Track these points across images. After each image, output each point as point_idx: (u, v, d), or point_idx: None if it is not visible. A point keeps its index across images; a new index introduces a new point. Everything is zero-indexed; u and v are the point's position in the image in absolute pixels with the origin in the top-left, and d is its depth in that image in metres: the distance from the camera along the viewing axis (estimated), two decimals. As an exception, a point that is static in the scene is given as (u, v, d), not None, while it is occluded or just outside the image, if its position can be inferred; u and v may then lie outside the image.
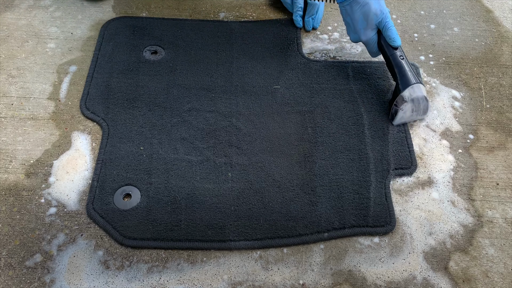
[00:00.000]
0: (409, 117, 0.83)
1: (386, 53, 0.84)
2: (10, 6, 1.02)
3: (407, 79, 0.81)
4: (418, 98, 0.81)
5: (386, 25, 0.82)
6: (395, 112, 0.82)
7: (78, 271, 0.66)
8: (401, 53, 0.84)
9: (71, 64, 0.92)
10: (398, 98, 0.81)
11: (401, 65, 0.83)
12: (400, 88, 0.81)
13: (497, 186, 0.78)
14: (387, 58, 0.85)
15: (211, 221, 0.71)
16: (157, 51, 0.94)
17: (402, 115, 0.82)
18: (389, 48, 0.84)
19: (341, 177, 0.77)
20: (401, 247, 0.70)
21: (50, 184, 0.75)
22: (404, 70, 0.82)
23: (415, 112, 0.83)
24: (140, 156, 0.78)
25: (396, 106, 0.82)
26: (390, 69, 0.85)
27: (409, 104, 0.81)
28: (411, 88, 0.80)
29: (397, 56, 0.83)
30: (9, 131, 0.81)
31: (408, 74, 0.82)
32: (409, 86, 0.80)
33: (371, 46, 0.86)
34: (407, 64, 0.83)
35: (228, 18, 1.03)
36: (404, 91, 0.81)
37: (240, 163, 0.78)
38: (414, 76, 0.82)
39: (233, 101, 0.87)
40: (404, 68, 0.82)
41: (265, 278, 0.67)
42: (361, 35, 0.86)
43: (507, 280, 0.68)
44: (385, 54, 0.85)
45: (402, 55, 0.83)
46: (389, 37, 0.83)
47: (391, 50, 0.84)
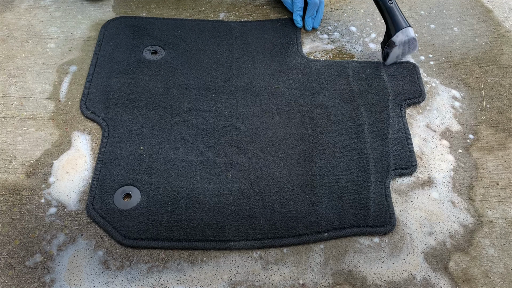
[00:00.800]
0: (399, 57, 0.92)
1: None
2: (10, 6, 1.02)
3: (397, 23, 0.87)
4: (408, 40, 0.88)
5: None
6: (386, 55, 0.90)
7: (78, 271, 0.66)
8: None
9: (71, 64, 0.92)
10: (389, 42, 0.88)
11: (391, 9, 0.88)
12: (390, 31, 0.87)
13: (497, 186, 0.78)
14: (377, 2, 0.89)
15: (211, 221, 0.71)
16: (157, 51, 0.94)
17: (393, 57, 0.91)
18: None
19: (341, 177, 0.77)
20: (401, 247, 0.70)
21: (50, 184, 0.75)
22: (394, 14, 0.87)
23: (405, 52, 0.91)
24: (140, 156, 0.78)
25: (387, 49, 0.90)
26: (381, 13, 0.89)
27: (400, 46, 0.89)
28: (401, 33, 0.87)
29: (386, 0, 0.88)
30: (9, 131, 0.81)
31: (398, 18, 0.87)
32: (399, 30, 0.87)
33: None
34: (397, 8, 0.88)
35: (228, 18, 1.03)
36: (394, 36, 0.87)
37: (240, 163, 0.78)
38: (404, 19, 0.87)
39: (233, 101, 0.87)
40: (394, 12, 0.87)
41: (265, 278, 0.67)
42: None
43: (507, 280, 0.68)
44: None
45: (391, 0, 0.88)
46: None
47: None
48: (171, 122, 0.83)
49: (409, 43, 0.89)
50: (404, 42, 0.88)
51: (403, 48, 0.89)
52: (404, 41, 0.88)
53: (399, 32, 0.87)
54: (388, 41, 0.89)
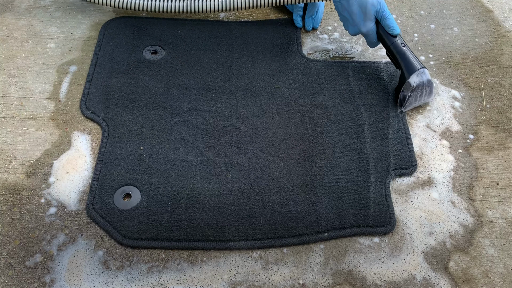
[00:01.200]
0: (417, 102, 0.86)
1: (387, 42, 0.86)
2: (10, 6, 1.02)
3: (412, 65, 0.83)
4: (424, 82, 0.83)
5: (384, 14, 0.84)
6: (403, 99, 0.85)
7: (78, 271, 0.66)
8: (402, 41, 0.85)
9: (71, 64, 0.92)
10: (405, 85, 0.83)
11: (404, 52, 0.84)
12: (406, 75, 0.83)
13: (497, 186, 0.78)
14: (388, 47, 0.86)
15: (211, 221, 0.71)
16: (157, 51, 0.94)
17: (411, 101, 0.85)
18: (389, 37, 0.86)
19: (341, 177, 0.77)
20: (401, 247, 0.70)
21: (50, 184, 0.75)
22: (408, 57, 0.84)
23: (422, 96, 0.85)
24: (140, 156, 0.78)
25: (403, 93, 0.84)
26: (393, 57, 0.86)
27: (417, 89, 0.83)
28: (418, 74, 0.83)
29: (398, 44, 0.85)
30: (9, 131, 0.81)
31: (413, 60, 0.84)
32: (415, 72, 0.83)
33: (371, 37, 0.88)
34: (409, 50, 0.85)
35: (228, 18, 1.03)
36: (410, 78, 0.83)
37: (240, 163, 0.78)
38: (418, 61, 0.84)
39: (233, 101, 0.87)
40: (407, 54, 0.84)
41: (265, 278, 0.67)
42: (361, 27, 0.87)
43: (507, 280, 0.68)
44: (386, 43, 0.87)
45: (403, 42, 0.85)
46: (388, 26, 0.84)
47: (391, 39, 0.85)
48: (171, 122, 0.83)
49: (426, 87, 0.84)
50: (420, 84, 0.83)
51: (420, 90, 0.84)
52: (420, 83, 0.83)
53: (415, 74, 0.83)
54: (404, 85, 0.83)
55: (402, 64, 0.84)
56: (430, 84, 0.84)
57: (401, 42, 0.85)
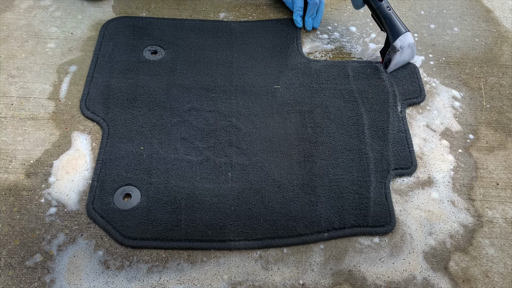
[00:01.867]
0: (400, 63, 0.91)
1: (373, 6, 0.88)
2: (10, 6, 1.02)
3: (397, 29, 0.87)
4: (409, 45, 0.88)
5: None
6: (388, 61, 0.90)
7: (78, 271, 0.66)
8: (388, 4, 0.87)
9: (71, 64, 0.92)
10: (390, 48, 0.87)
11: (390, 16, 0.87)
12: (391, 38, 0.87)
13: (497, 186, 0.78)
14: (374, 10, 0.89)
15: (211, 221, 0.71)
16: (157, 51, 0.94)
17: (395, 63, 0.90)
18: (375, 1, 0.88)
19: (341, 177, 0.77)
20: (401, 247, 0.70)
21: (50, 184, 0.75)
22: (393, 21, 0.87)
23: (406, 58, 0.90)
24: (140, 156, 0.78)
25: (389, 55, 0.89)
26: (378, 20, 0.89)
27: (401, 52, 0.88)
28: (402, 37, 0.87)
29: (384, 7, 0.87)
30: (9, 131, 0.81)
31: (398, 24, 0.87)
32: (400, 35, 0.86)
33: None
34: (395, 14, 0.87)
35: (228, 18, 1.03)
36: (395, 41, 0.86)
37: (240, 163, 0.78)
38: (403, 25, 0.87)
39: (233, 101, 0.87)
40: (392, 18, 0.87)
41: (265, 278, 0.67)
42: None
43: (507, 280, 0.68)
44: (371, 6, 0.89)
45: (388, 6, 0.87)
46: None
47: (377, 2, 0.88)
48: (171, 122, 0.83)
49: (409, 48, 0.89)
50: (404, 47, 0.88)
51: (404, 53, 0.89)
52: (404, 46, 0.88)
53: (400, 38, 0.87)
54: (389, 48, 0.88)
55: (387, 28, 0.87)
56: (413, 46, 0.89)
57: (387, 5, 0.87)
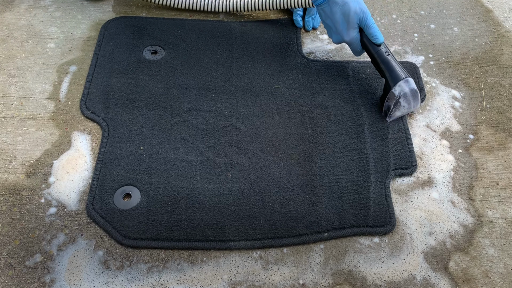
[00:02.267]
0: (402, 112, 0.84)
1: (371, 51, 0.84)
2: (10, 6, 1.02)
3: (396, 75, 0.81)
4: (410, 91, 0.81)
5: (367, 23, 0.82)
6: (387, 109, 0.83)
7: (78, 271, 0.66)
8: (386, 49, 0.84)
9: (71, 64, 0.92)
10: (389, 95, 0.81)
11: (388, 61, 0.83)
12: (390, 84, 0.82)
13: (497, 186, 0.78)
14: (372, 56, 0.85)
15: (211, 221, 0.71)
16: (157, 51, 0.94)
17: (396, 111, 0.83)
18: (373, 45, 0.84)
19: (341, 177, 0.77)
20: (401, 247, 0.70)
21: (50, 184, 0.75)
22: (392, 66, 0.82)
23: (408, 106, 0.83)
24: (140, 156, 0.78)
25: (388, 103, 0.82)
26: (377, 66, 0.85)
27: (401, 99, 0.81)
28: (402, 83, 0.81)
29: (382, 52, 0.83)
30: (9, 131, 0.81)
31: (397, 69, 0.82)
32: (399, 81, 0.81)
33: (355, 45, 0.86)
34: (394, 59, 0.83)
35: (228, 18, 1.03)
36: (395, 87, 0.81)
37: (240, 163, 0.78)
38: (403, 70, 0.82)
39: (233, 101, 0.87)
40: (391, 63, 0.82)
41: (265, 278, 0.67)
42: (344, 35, 0.85)
43: (507, 280, 0.68)
44: (370, 52, 0.85)
45: (387, 51, 0.83)
46: (371, 34, 0.83)
47: (375, 47, 0.84)
48: (171, 122, 0.83)
49: (410, 95, 0.81)
50: (405, 93, 0.81)
51: (405, 99, 0.81)
52: (405, 93, 0.81)
53: (399, 84, 0.80)
54: (388, 94, 0.81)
55: (386, 73, 0.82)
56: (415, 93, 0.82)
57: (385, 50, 0.83)
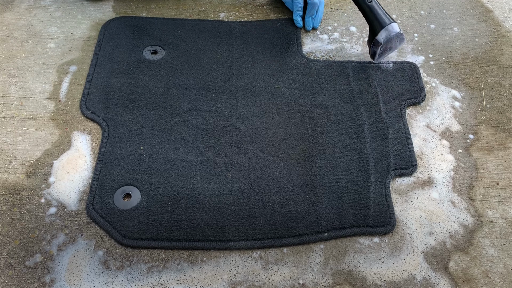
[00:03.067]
0: (388, 53, 0.90)
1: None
2: (10, 6, 1.02)
3: (379, 22, 0.85)
4: (394, 36, 0.86)
5: None
6: (373, 53, 0.89)
7: (78, 271, 0.66)
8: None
9: (71, 64, 0.92)
10: (374, 41, 0.86)
11: (371, 7, 0.85)
12: (375, 30, 0.85)
13: (497, 186, 0.78)
14: (357, 2, 0.87)
15: (211, 221, 0.71)
16: (157, 51, 0.94)
17: (381, 53, 0.89)
18: None
19: (341, 177, 0.77)
20: (401, 247, 0.70)
21: (50, 184, 0.75)
22: (375, 13, 0.85)
23: (393, 48, 0.89)
24: (140, 156, 0.78)
25: (373, 48, 0.88)
26: (362, 12, 0.87)
27: (387, 44, 0.86)
28: (385, 30, 0.85)
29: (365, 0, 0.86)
30: (9, 131, 0.81)
31: (380, 16, 0.84)
32: (383, 28, 0.84)
33: None
34: (378, 4, 0.85)
35: (228, 18, 1.03)
36: (379, 34, 0.85)
37: (240, 163, 0.78)
38: (387, 16, 0.85)
39: (233, 101, 0.87)
40: (374, 10, 0.85)
41: (265, 278, 0.67)
42: None
43: (507, 280, 0.68)
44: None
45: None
46: None
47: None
48: (171, 122, 0.83)
49: (396, 39, 0.87)
50: (389, 39, 0.86)
51: (390, 44, 0.87)
52: (389, 38, 0.86)
53: (383, 30, 0.85)
54: (373, 40, 0.87)
55: (370, 20, 0.85)
56: (399, 36, 0.86)
57: None
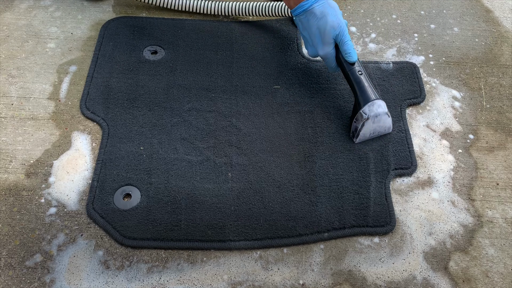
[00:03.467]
0: (370, 134, 0.80)
1: (344, 68, 0.81)
2: (10, 6, 1.02)
3: (366, 95, 0.78)
4: (379, 114, 0.78)
5: (343, 39, 0.79)
6: (355, 129, 0.80)
7: (78, 271, 0.66)
8: (360, 68, 0.80)
9: (71, 64, 0.92)
10: (357, 115, 0.78)
11: (360, 81, 0.79)
12: (360, 104, 0.78)
13: (497, 186, 0.78)
14: (346, 73, 0.82)
15: (211, 221, 0.71)
16: (157, 51, 0.94)
17: (364, 132, 0.79)
18: (347, 63, 0.81)
19: (341, 177, 0.77)
20: (401, 247, 0.70)
21: (50, 184, 0.75)
22: (363, 86, 0.79)
23: (377, 129, 0.80)
24: (140, 156, 0.78)
25: (355, 123, 0.79)
26: (350, 84, 0.81)
27: (369, 120, 0.78)
28: (371, 105, 0.77)
29: (355, 71, 0.80)
30: (9, 131, 0.81)
31: (368, 90, 0.79)
32: (369, 102, 0.78)
33: (330, 61, 0.83)
34: (366, 79, 0.80)
35: (228, 18, 1.03)
36: (363, 108, 0.78)
37: (240, 163, 0.78)
38: (374, 92, 0.79)
39: (233, 101, 0.87)
40: (362, 83, 0.79)
41: (265, 278, 0.67)
42: (319, 49, 0.82)
43: (507, 280, 0.68)
44: (344, 69, 0.82)
45: (360, 70, 0.80)
46: (345, 51, 0.79)
47: (349, 65, 0.80)
48: (171, 122, 0.83)
49: (380, 118, 0.78)
50: (374, 115, 0.78)
51: (373, 121, 0.78)
52: (374, 114, 0.78)
53: (368, 105, 0.77)
54: (356, 115, 0.79)
55: (357, 93, 0.79)
56: (386, 116, 0.79)
57: (359, 70, 0.80)
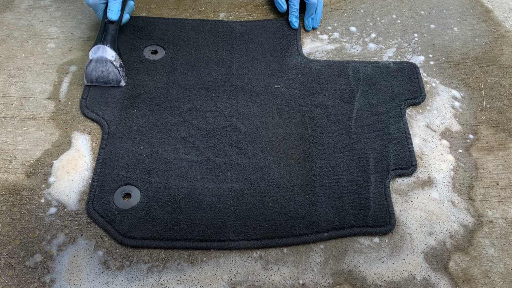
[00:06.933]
0: (97, 79, 0.85)
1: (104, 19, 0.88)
2: (10, 6, 1.02)
3: (97, 39, 0.85)
4: (101, 59, 0.83)
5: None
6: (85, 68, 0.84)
7: (78, 271, 0.66)
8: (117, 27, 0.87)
9: (71, 64, 0.92)
10: None
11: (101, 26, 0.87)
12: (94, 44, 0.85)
13: (497, 186, 0.78)
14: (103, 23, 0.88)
15: (210, 221, 0.71)
16: (157, 51, 0.94)
17: (88, 71, 0.84)
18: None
19: (341, 177, 0.77)
20: (401, 247, 0.70)
21: (50, 184, 0.75)
22: (100, 32, 0.86)
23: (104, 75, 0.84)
24: (140, 156, 0.78)
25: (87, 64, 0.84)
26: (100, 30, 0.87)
27: (93, 63, 0.83)
28: (96, 48, 0.83)
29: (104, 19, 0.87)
30: (9, 131, 0.81)
31: (100, 35, 0.85)
32: (95, 45, 0.83)
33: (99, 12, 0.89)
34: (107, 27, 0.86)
35: (228, 18, 1.03)
36: (91, 50, 0.83)
37: (240, 163, 0.78)
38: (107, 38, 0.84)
39: (233, 101, 0.87)
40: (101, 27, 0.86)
41: (265, 278, 0.67)
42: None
43: (507, 280, 0.68)
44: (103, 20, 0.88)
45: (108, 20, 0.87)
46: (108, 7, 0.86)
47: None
48: (171, 121, 0.83)
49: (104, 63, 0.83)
50: (97, 59, 0.82)
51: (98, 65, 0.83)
52: (97, 58, 0.82)
53: (95, 47, 0.83)
54: None
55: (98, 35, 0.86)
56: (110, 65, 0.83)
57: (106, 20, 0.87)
